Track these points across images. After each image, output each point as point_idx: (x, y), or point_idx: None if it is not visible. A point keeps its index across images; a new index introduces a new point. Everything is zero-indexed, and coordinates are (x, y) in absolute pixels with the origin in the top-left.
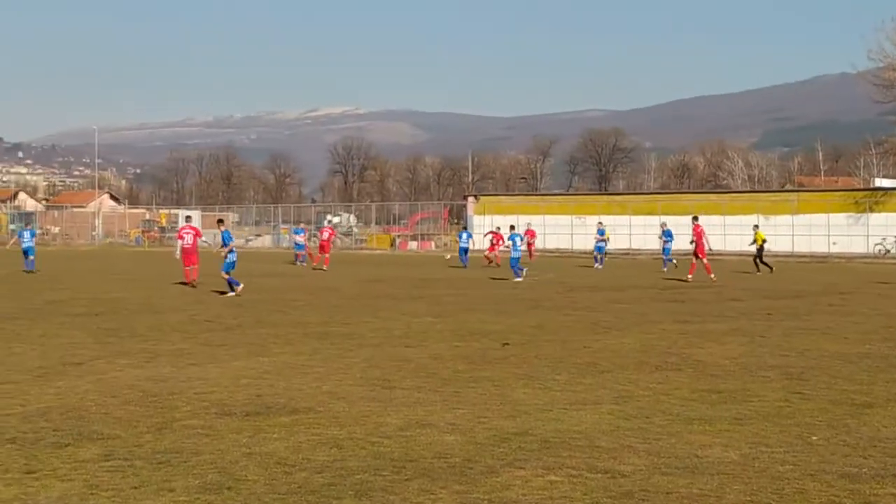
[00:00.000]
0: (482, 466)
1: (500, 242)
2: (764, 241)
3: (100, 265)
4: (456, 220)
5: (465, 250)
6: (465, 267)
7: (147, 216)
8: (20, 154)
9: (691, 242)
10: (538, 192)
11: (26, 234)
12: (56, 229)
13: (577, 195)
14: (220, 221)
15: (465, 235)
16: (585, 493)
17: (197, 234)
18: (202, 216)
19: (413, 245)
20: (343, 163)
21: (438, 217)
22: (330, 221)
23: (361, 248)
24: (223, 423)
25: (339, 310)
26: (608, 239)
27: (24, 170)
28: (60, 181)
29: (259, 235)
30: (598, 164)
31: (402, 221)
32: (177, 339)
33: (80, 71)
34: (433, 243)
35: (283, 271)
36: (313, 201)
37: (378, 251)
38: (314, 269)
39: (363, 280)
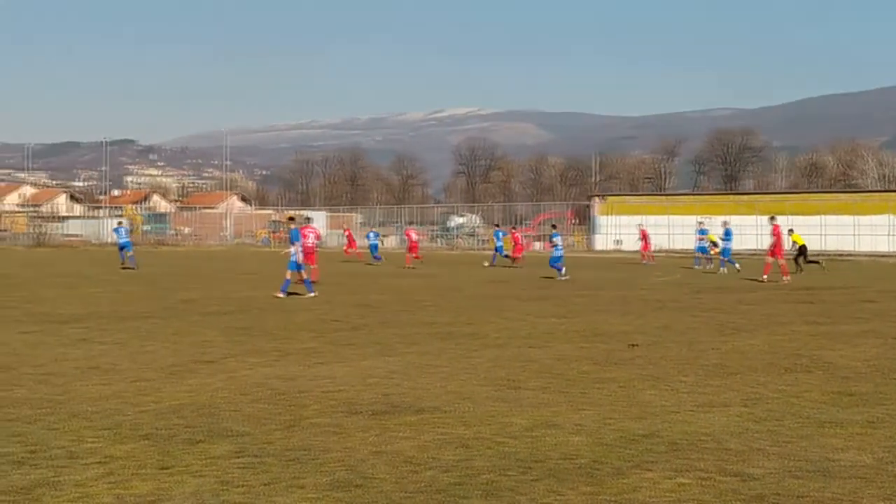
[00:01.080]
0: (610, 468)
1: (519, 242)
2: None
3: (230, 265)
4: (580, 221)
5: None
6: (492, 266)
7: (274, 217)
8: (153, 156)
9: (773, 244)
10: (664, 192)
11: (122, 231)
12: (187, 230)
13: (703, 195)
14: (291, 219)
15: (500, 234)
16: (716, 496)
17: (317, 237)
18: (328, 217)
19: (537, 246)
20: (467, 163)
21: (563, 217)
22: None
23: (486, 249)
24: (351, 422)
25: (464, 310)
26: (716, 239)
27: (156, 172)
28: (191, 183)
29: (386, 236)
30: (726, 164)
31: (527, 222)
32: (305, 338)
33: (211, 75)
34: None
35: (406, 273)
36: (437, 202)
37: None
38: (407, 268)
39: (487, 280)
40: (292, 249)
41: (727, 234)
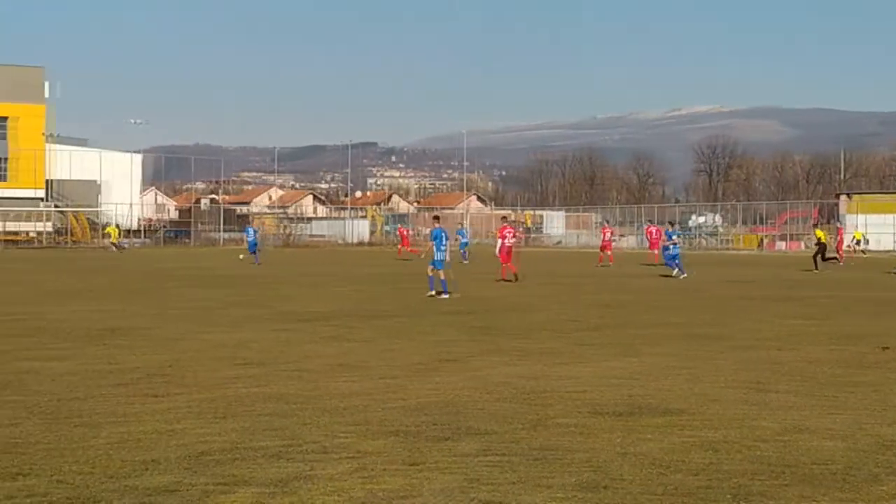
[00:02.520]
0: (865, 474)
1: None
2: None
3: (465, 266)
4: (827, 220)
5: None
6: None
7: (512, 217)
8: (393, 158)
9: None
10: None
11: (250, 231)
12: (427, 230)
13: None
14: (436, 218)
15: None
16: None
17: (515, 235)
18: (566, 217)
19: (781, 245)
20: (707, 162)
21: (808, 216)
22: (605, 221)
23: (728, 249)
24: (596, 423)
25: (707, 311)
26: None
27: (397, 173)
28: (430, 184)
29: (623, 236)
30: None
31: (770, 221)
32: (546, 338)
33: (449, 78)
34: (802, 243)
35: (643, 272)
36: (677, 201)
37: (744, 251)
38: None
39: (730, 281)
40: (429, 247)
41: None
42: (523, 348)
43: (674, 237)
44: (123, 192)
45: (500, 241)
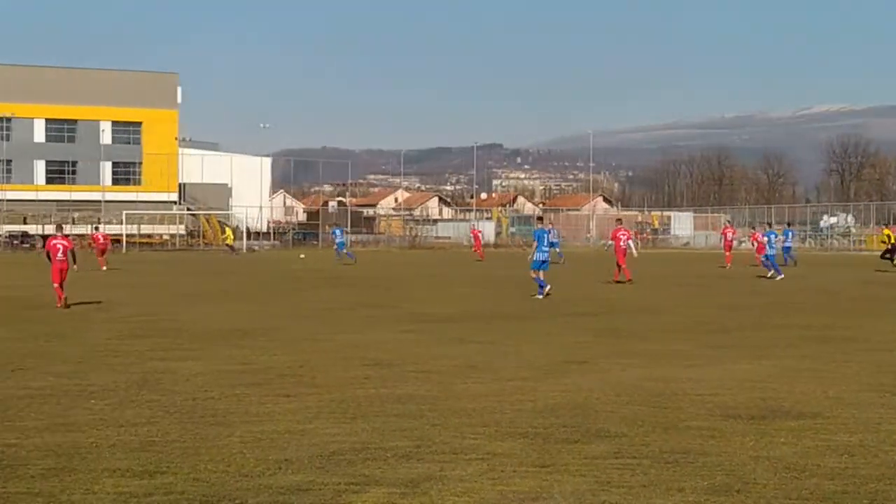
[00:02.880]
0: None
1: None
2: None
3: (590, 266)
4: None
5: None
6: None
7: (639, 218)
8: (519, 159)
9: None
10: None
11: (337, 232)
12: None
13: None
14: (540, 219)
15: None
16: None
17: (629, 237)
18: (694, 218)
19: None
20: (839, 161)
21: None
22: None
23: (860, 250)
24: (728, 426)
25: (841, 313)
26: None
27: (522, 175)
28: (556, 185)
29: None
30: None
31: None
32: (675, 340)
33: (575, 76)
34: None
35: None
36: (808, 201)
37: (878, 252)
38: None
39: (863, 282)
40: (531, 249)
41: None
42: (652, 350)
43: (770, 237)
44: (253, 195)
45: (611, 242)
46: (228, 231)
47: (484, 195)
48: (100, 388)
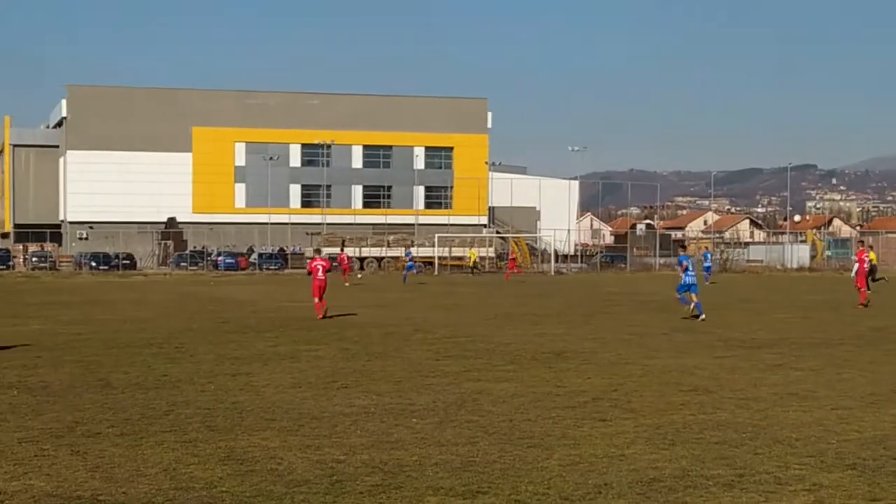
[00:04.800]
0: None
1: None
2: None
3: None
4: None
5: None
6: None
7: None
8: (833, 181)
9: None
10: None
11: (409, 254)
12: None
13: None
14: (683, 247)
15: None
16: None
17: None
18: None
19: None
20: None
21: None
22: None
23: None
24: None
25: None
26: None
27: (837, 196)
28: (874, 206)
29: None
30: None
31: None
32: None
33: (892, 94)
34: None
35: None
36: None
37: None
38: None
39: None
40: (679, 271)
41: None
42: None
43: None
44: (561, 218)
45: (856, 265)
46: (472, 252)
47: (797, 217)
48: (420, 408)
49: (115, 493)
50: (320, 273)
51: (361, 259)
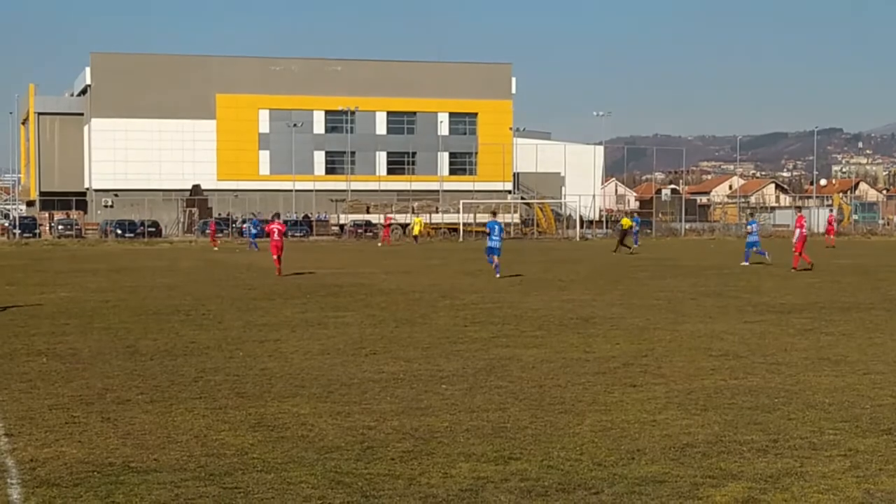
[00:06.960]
0: None
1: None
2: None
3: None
4: None
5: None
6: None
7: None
8: (860, 144)
9: None
10: None
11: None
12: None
13: None
14: (493, 213)
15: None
16: None
17: (801, 227)
18: None
19: None
20: None
21: None
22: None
23: None
24: None
25: None
26: None
27: (863, 160)
28: None
29: None
30: None
31: None
32: None
33: None
34: None
35: None
36: None
37: None
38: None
39: None
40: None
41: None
42: None
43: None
44: (585, 184)
45: (797, 231)
46: (417, 220)
47: (823, 181)
48: (449, 374)
49: (147, 460)
50: (276, 235)
51: (403, 226)
